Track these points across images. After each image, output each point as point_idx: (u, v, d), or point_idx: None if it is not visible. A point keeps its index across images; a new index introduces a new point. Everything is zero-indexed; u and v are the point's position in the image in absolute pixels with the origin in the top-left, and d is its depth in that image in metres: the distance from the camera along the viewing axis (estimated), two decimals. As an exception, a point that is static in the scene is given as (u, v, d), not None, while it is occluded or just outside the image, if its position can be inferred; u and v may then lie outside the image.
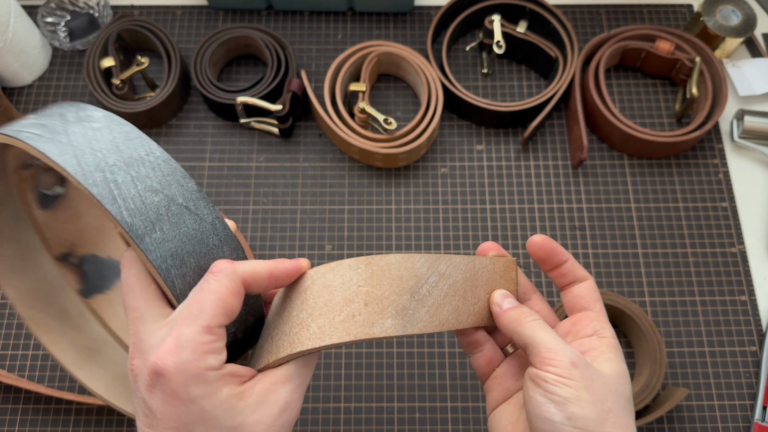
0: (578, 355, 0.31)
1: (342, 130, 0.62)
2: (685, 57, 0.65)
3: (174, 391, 0.26)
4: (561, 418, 0.29)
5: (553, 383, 0.29)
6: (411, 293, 0.31)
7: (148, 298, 0.29)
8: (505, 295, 0.34)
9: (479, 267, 0.34)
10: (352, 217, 0.62)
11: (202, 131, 0.66)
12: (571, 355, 0.30)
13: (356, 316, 0.30)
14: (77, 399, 0.53)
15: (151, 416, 0.27)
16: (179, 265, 0.28)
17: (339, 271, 0.30)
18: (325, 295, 0.30)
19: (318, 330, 0.29)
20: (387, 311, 0.30)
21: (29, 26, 0.65)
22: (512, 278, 0.35)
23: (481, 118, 0.65)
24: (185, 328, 0.27)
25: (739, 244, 0.61)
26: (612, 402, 0.30)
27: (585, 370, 0.30)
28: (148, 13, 0.71)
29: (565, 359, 0.30)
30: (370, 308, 0.30)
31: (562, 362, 0.30)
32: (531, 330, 0.32)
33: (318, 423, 0.55)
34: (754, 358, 0.57)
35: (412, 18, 0.71)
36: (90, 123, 0.29)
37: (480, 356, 0.36)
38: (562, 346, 0.31)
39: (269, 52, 0.64)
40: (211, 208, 0.30)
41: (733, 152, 0.66)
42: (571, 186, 0.64)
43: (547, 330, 0.32)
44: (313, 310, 0.30)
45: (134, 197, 0.27)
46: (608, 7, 0.72)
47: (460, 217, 0.62)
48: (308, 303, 0.30)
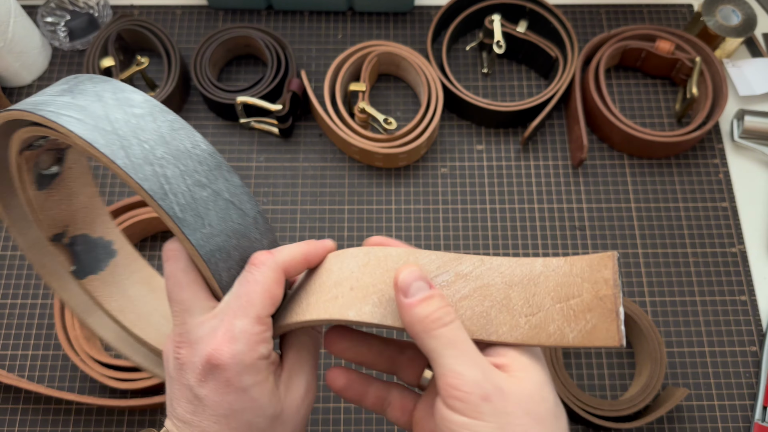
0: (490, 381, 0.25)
1: (342, 130, 0.62)
2: (686, 57, 0.65)
3: (228, 381, 0.27)
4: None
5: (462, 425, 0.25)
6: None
7: (195, 291, 0.29)
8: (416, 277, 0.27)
9: (542, 270, 0.28)
10: (352, 217, 0.62)
11: (202, 131, 0.66)
12: (482, 384, 0.25)
13: (338, 298, 0.29)
14: (77, 399, 0.53)
15: (198, 404, 0.28)
16: (225, 259, 0.29)
17: (342, 257, 0.31)
18: (323, 277, 0.31)
19: (306, 307, 0.30)
20: (369, 298, 0.29)
21: (29, 26, 0.65)
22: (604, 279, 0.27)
23: (481, 118, 0.65)
24: (237, 320, 0.27)
25: (739, 244, 0.61)
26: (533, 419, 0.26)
27: (499, 400, 0.25)
28: (148, 12, 0.71)
29: (475, 392, 0.25)
30: (354, 293, 0.29)
31: (470, 395, 0.25)
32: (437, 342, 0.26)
33: (318, 423, 0.55)
34: (755, 358, 0.57)
35: (412, 18, 0.71)
36: (131, 108, 0.28)
37: (391, 410, 0.32)
38: (472, 369, 0.25)
39: (269, 52, 0.64)
40: (254, 202, 0.30)
41: (734, 152, 0.66)
42: (571, 186, 0.64)
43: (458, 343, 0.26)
44: (309, 289, 0.31)
45: (184, 192, 0.27)
46: (608, 7, 0.72)
47: (460, 217, 0.62)
48: (308, 282, 0.31)
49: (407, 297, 0.27)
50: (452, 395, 0.25)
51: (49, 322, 0.58)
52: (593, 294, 0.27)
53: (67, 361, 0.56)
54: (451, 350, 0.26)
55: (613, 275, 0.27)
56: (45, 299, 0.58)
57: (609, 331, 0.26)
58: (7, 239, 0.61)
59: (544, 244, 0.61)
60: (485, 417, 0.25)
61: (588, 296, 0.27)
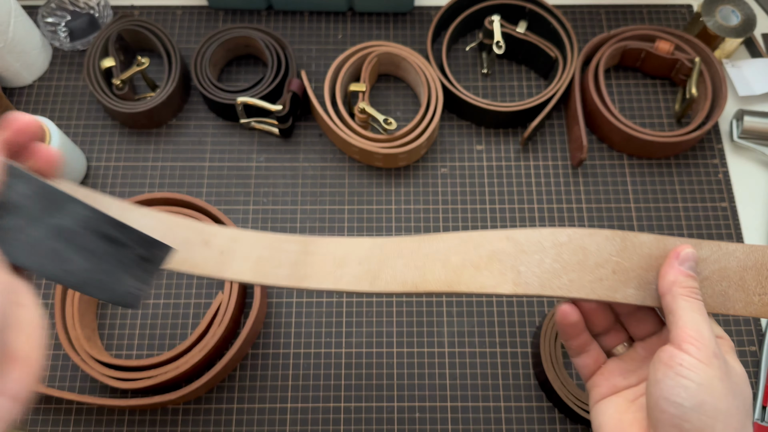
0: (719, 346, 0.31)
1: (342, 130, 0.62)
2: (685, 57, 0.65)
3: None
4: (691, 404, 0.29)
5: (689, 368, 0.30)
6: (658, 270, 0.34)
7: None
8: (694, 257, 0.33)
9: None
10: (352, 217, 0.62)
11: (202, 131, 0.66)
12: (714, 345, 0.30)
13: (603, 280, 0.34)
14: (78, 399, 0.53)
15: None
16: None
17: (596, 237, 0.35)
18: (579, 255, 0.34)
19: (568, 282, 0.34)
20: (631, 282, 0.34)
21: (29, 26, 0.65)
22: None
23: (481, 118, 0.65)
24: None
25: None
26: (740, 400, 0.30)
27: (723, 362, 0.30)
28: (149, 13, 0.71)
29: (709, 346, 0.30)
30: (617, 276, 0.34)
31: (705, 348, 0.30)
32: (688, 304, 0.32)
33: (318, 423, 0.55)
34: (754, 358, 0.57)
35: (412, 18, 0.71)
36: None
37: (587, 356, 0.37)
38: (709, 333, 0.31)
39: (269, 53, 0.65)
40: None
41: (733, 152, 0.66)
42: (571, 186, 0.64)
43: (703, 312, 0.32)
44: (566, 264, 0.34)
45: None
46: (608, 8, 0.72)
47: (460, 217, 0.62)
48: (563, 257, 0.34)
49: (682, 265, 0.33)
50: (691, 342, 0.30)
51: (49, 322, 0.58)
52: None
53: (68, 361, 0.57)
54: (697, 314, 0.31)
55: None
56: (45, 299, 0.59)
57: None
58: (8, 239, 0.61)
59: (544, 244, 0.61)
60: (713, 365, 0.30)
61: None
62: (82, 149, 0.64)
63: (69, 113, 0.66)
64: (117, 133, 0.66)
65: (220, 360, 0.54)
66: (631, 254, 0.34)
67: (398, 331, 0.58)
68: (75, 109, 0.67)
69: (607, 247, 0.34)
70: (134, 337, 0.58)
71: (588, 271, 0.34)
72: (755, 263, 0.34)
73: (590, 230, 0.35)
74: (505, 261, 0.35)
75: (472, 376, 0.56)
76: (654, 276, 0.34)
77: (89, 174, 0.64)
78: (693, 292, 0.32)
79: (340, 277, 0.36)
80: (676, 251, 0.33)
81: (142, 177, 0.64)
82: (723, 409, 0.29)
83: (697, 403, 0.29)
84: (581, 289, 0.34)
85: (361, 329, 0.58)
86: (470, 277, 0.35)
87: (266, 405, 0.55)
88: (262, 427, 0.55)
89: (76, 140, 0.65)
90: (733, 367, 0.31)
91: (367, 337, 0.58)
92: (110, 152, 0.65)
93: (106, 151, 0.65)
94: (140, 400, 0.52)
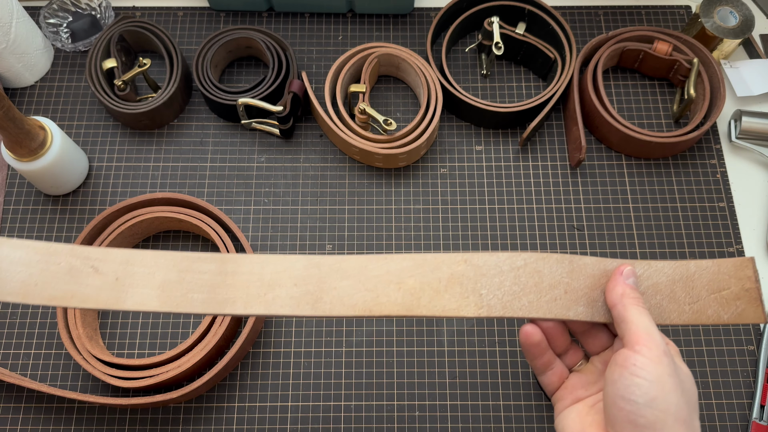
0: (668, 347, 0.34)
1: (342, 130, 0.62)
2: (683, 58, 0.65)
3: None
4: (645, 400, 0.31)
5: (642, 366, 0.32)
6: (602, 290, 0.37)
7: None
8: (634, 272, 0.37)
9: (695, 269, 0.37)
10: (352, 217, 0.63)
11: (203, 132, 0.66)
12: (664, 345, 0.33)
13: (557, 300, 0.37)
14: (79, 398, 0.53)
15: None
16: None
17: (548, 261, 0.37)
18: (535, 278, 0.37)
19: (528, 304, 0.36)
20: (581, 300, 0.37)
21: (31, 27, 0.65)
22: (748, 276, 0.37)
23: (481, 119, 0.66)
24: None
25: (736, 244, 0.62)
26: (688, 396, 0.33)
27: (671, 360, 0.33)
28: (150, 14, 0.71)
29: (660, 346, 0.33)
30: (568, 296, 0.37)
31: (656, 348, 0.33)
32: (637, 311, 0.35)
33: (318, 422, 0.55)
34: (752, 357, 0.57)
35: (412, 20, 0.72)
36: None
37: (551, 373, 0.40)
38: (658, 335, 0.34)
39: (270, 54, 0.65)
40: None
41: (731, 153, 0.66)
42: (570, 186, 0.64)
43: (650, 318, 0.35)
44: (524, 287, 0.36)
45: None
46: (606, 9, 0.72)
47: (459, 217, 0.63)
48: (521, 280, 0.37)
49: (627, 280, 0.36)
50: (643, 343, 0.33)
51: (51, 321, 0.58)
52: (740, 287, 0.37)
53: (70, 360, 0.57)
54: (647, 319, 0.35)
55: (754, 274, 0.37)
56: (47, 299, 0.59)
57: (756, 313, 0.37)
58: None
59: (543, 244, 0.62)
60: (663, 363, 0.32)
61: (736, 289, 0.37)
62: (84, 150, 0.65)
63: (71, 114, 0.67)
64: (119, 134, 0.66)
65: (221, 359, 0.55)
66: (578, 275, 0.37)
67: (398, 331, 0.58)
68: (77, 110, 0.67)
69: (558, 269, 0.37)
70: (136, 336, 0.58)
71: (544, 292, 0.37)
72: (682, 277, 0.37)
73: (543, 254, 0.37)
74: (466, 284, 0.36)
75: (472, 376, 0.57)
76: (598, 294, 0.37)
77: (91, 174, 0.64)
78: (639, 301, 0.35)
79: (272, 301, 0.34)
80: (619, 269, 0.37)
81: (143, 177, 0.64)
82: (673, 402, 0.32)
83: (650, 399, 0.31)
84: (539, 309, 0.36)
85: (361, 329, 0.58)
86: (430, 301, 0.35)
87: (267, 404, 0.56)
88: (263, 426, 0.55)
89: (78, 141, 0.65)
90: (680, 367, 0.34)
91: (368, 337, 0.58)
92: (112, 153, 0.65)
93: (108, 152, 0.65)
94: (141, 399, 0.53)
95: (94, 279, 0.33)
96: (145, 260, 0.34)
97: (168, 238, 0.62)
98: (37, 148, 0.56)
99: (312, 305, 0.34)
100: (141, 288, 0.33)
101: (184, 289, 0.34)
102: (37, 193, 0.63)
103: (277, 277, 0.35)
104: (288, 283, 0.35)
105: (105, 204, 0.63)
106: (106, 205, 0.63)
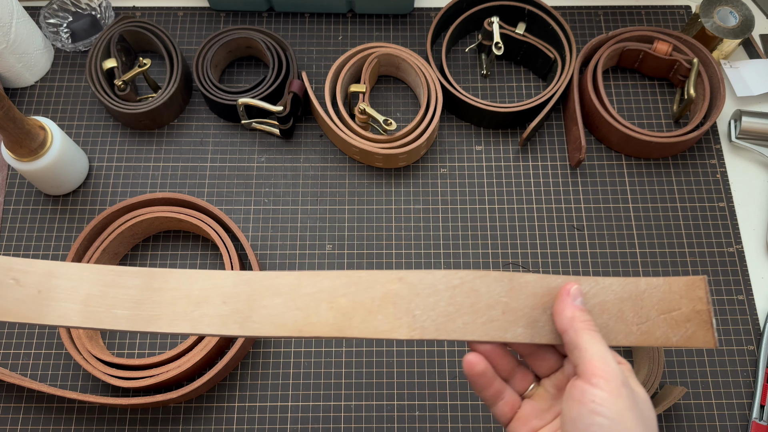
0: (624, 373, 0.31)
1: (342, 130, 0.62)
2: (683, 58, 0.65)
3: None
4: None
5: (601, 403, 0.30)
6: (544, 308, 0.35)
7: None
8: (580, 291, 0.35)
9: (645, 288, 0.35)
10: (352, 217, 0.63)
11: (203, 132, 0.66)
12: (621, 374, 0.31)
13: (494, 321, 0.34)
14: (80, 398, 0.53)
15: None
16: None
17: (487, 280, 0.35)
18: (472, 298, 0.35)
19: (463, 326, 0.34)
20: (520, 321, 0.35)
21: (31, 27, 0.65)
22: (699, 297, 0.35)
23: (480, 119, 0.66)
24: None
25: (736, 244, 0.62)
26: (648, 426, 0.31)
27: (630, 390, 0.31)
28: (150, 14, 0.71)
29: (617, 376, 0.31)
30: (506, 317, 0.35)
31: (614, 379, 0.31)
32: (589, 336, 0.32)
33: (318, 422, 0.55)
34: (752, 357, 0.57)
35: (412, 20, 0.72)
36: None
37: (503, 404, 0.37)
38: (614, 363, 0.31)
39: (270, 54, 0.65)
40: None
41: (731, 153, 0.66)
42: (570, 186, 0.64)
43: (603, 343, 0.33)
44: (460, 307, 0.35)
45: None
46: (606, 9, 0.73)
47: (459, 217, 0.63)
48: (457, 300, 0.35)
49: (575, 301, 0.34)
50: (599, 375, 0.31)
51: (51, 322, 0.58)
52: (691, 308, 0.35)
53: (70, 360, 0.57)
54: (601, 345, 0.32)
55: (706, 295, 0.35)
56: (47, 298, 0.59)
57: (706, 337, 0.35)
58: (9, 239, 0.61)
59: (543, 244, 0.62)
60: (622, 395, 0.30)
61: (686, 310, 0.35)
62: (84, 150, 0.65)
63: (71, 114, 0.67)
64: (119, 134, 0.66)
65: (221, 359, 0.55)
66: (518, 294, 0.35)
67: (398, 331, 0.58)
68: (77, 110, 0.67)
69: (497, 288, 0.35)
70: (136, 336, 0.58)
71: (480, 313, 0.34)
72: (630, 295, 0.35)
73: (481, 272, 0.35)
74: (400, 304, 0.34)
75: (472, 375, 0.57)
76: (540, 313, 0.35)
77: (91, 174, 0.64)
78: (591, 325, 0.33)
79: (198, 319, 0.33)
80: (565, 289, 0.35)
81: (143, 177, 0.64)
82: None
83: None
84: (475, 332, 0.34)
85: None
86: (362, 321, 0.34)
87: (267, 404, 0.56)
88: (263, 426, 0.55)
89: (78, 141, 0.65)
90: (637, 393, 0.32)
91: (368, 337, 0.58)
92: (112, 153, 0.65)
93: (108, 152, 0.65)
94: (141, 399, 0.53)
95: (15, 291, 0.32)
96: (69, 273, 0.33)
97: (168, 238, 0.62)
98: (37, 148, 0.56)
99: (240, 324, 0.33)
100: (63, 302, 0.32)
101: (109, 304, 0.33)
102: (37, 193, 0.63)
103: (205, 293, 0.34)
104: (216, 301, 0.33)
105: (105, 204, 0.63)
106: (106, 205, 0.63)
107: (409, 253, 0.61)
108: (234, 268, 0.56)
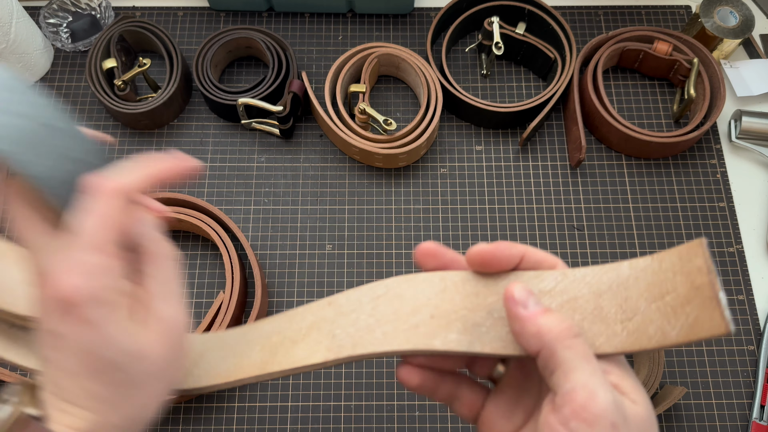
0: (619, 407, 0.24)
1: (342, 130, 0.62)
2: (683, 58, 0.65)
3: (81, 316, 0.27)
4: None
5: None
6: (489, 311, 0.29)
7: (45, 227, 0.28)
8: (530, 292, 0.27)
9: (629, 273, 0.27)
10: (352, 217, 0.63)
11: (203, 132, 0.66)
12: (613, 411, 0.23)
13: (420, 327, 0.29)
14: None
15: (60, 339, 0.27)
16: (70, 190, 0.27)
17: (413, 282, 0.30)
18: (395, 303, 0.30)
19: (382, 336, 0.29)
20: (453, 325, 0.29)
21: (31, 27, 0.65)
22: (698, 268, 0.25)
23: (481, 119, 0.66)
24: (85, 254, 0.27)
25: (737, 244, 0.62)
26: None
27: (624, 427, 0.23)
28: (150, 14, 0.71)
29: (607, 417, 0.23)
30: (436, 321, 0.29)
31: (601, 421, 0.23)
32: (572, 353, 0.24)
33: (318, 422, 0.55)
34: (752, 357, 0.57)
35: (412, 20, 0.72)
36: None
37: (459, 405, 0.31)
38: (603, 393, 0.23)
39: (270, 54, 0.65)
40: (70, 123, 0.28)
41: (731, 153, 0.66)
42: (570, 186, 0.64)
43: (590, 357, 0.24)
44: (381, 317, 0.30)
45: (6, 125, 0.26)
46: (606, 9, 0.73)
47: (459, 217, 0.63)
48: (379, 310, 0.30)
49: (527, 309, 0.26)
50: (580, 416, 0.23)
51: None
52: (689, 285, 0.25)
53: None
54: (586, 365, 0.24)
55: (705, 262, 0.25)
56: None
57: (713, 320, 0.24)
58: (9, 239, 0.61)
59: (543, 244, 0.62)
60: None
61: (683, 289, 0.25)
62: (84, 150, 0.65)
63: (71, 114, 0.67)
64: (119, 134, 0.66)
65: (221, 359, 0.55)
66: (452, 295, 0.29)
67: (398, 331, 0.58)
68: (77, 109, 0.67)
69: (425, 290, 0.30)
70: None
71: (403, 320, 0.29)
72: (610, 285, 0.27)
73: (408, 276, 0.30)
74: (323, 328, 0.31)
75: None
76: (482, 317, 0.28)
77: (91, 174, 0.64)
78: (567, 331, 0.25)
79: None
80: (506, 295, 0.27)
81: (143, 177, 0.64)
82: None
83: None
84: (394, 341, 0.29)
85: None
86: (285, 354, 0.32)
87: (267, 404, 0.56)
88: (263, 426, 0.55)
89: (78, 141, 0.65)
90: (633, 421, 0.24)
91: (367, 337, 0.58)
92: (112, 153, 0.65)
93: (108, 152, 0.65)
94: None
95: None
96: None
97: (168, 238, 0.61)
98: (37, 148, 0.56)
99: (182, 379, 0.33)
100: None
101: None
102: (37, 193, 0.63)
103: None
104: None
105: (105, 204, 0.63)
106: (106, 205, 0.63)
107: (409, 253, 0.61)
108: (234, 268, 0.56)
